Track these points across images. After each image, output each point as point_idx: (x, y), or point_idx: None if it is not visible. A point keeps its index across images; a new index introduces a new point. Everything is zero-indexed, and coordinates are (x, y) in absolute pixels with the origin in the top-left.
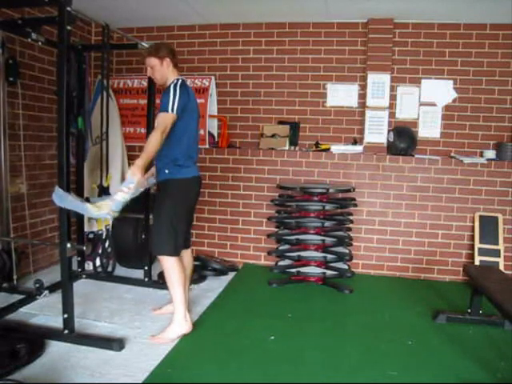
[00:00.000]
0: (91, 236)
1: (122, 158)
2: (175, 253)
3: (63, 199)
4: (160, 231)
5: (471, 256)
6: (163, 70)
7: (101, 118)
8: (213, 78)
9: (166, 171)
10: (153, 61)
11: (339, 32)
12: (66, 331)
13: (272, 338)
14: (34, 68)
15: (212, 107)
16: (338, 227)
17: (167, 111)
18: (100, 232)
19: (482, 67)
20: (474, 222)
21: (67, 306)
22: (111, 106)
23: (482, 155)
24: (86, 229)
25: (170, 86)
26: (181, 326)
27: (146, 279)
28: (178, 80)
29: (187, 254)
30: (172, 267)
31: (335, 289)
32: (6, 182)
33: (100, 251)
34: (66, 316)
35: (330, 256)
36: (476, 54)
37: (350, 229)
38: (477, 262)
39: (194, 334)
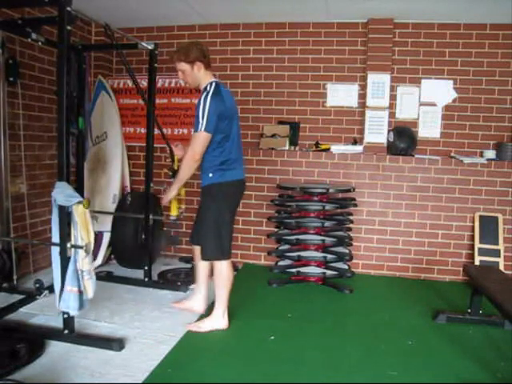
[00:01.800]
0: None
1: (122, 158)
2: (224, 256)
3: None
4: (207, 236)
5: (471, 256)
6: (195, 74)
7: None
8: None
9: (210, 175)
10: (183, 66)
11: (339, 32)
12: (66, 331)
13: (272, 337)
14: (34, 68)
15: None
16: (338, 227)
17: (199, 131)
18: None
19: (482, 67)
20: (474, 221)
21: None
22: (111, 106)
23: (482, 155)
24: None
25: (202, 94)
26: (218, 320)
27: (146, 279)
28: (211, 85)
29: None
30: (221, 270)
31: (335, 289)
32: (6, 181)
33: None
34: (65, 316)
35: (329, 256)
36: (476, 54)
37: (350, 229)
38: (477, 262)
39: (193, 334)
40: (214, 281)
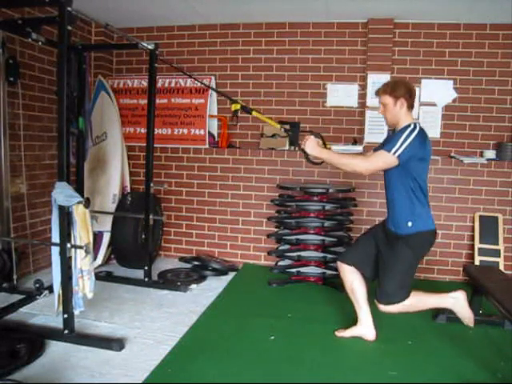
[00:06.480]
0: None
1: (122, 158)
2: (407, 297)
3: None
4: (395, 282)
5: (471, 256)
6: (395, 111)
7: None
8: (213, 77)
9: (409, 224)
10: (386, 99)
11: (339, 32)
12: (66, 331)
13: (272, 337)
14: (34, 68)
15: (212, 107)
16: (338, 227)
17: (389, 151)
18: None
19: (482, 67)
20: (474, 222)
21: (67, 306)
22: (111, 106)
23: (482, 155)
24: None
25: (406, 127)
26: None
27: (146, 279)
28: (415, 125)
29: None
30: (408, 305)
31: (335, 289)
32: (6, 181)
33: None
34: (65, 316)
35: (329, 256)
36: (476, 54)
37: (350, 229)
38: (477, 262)
39: (193, 333)
40: (410, 311)
